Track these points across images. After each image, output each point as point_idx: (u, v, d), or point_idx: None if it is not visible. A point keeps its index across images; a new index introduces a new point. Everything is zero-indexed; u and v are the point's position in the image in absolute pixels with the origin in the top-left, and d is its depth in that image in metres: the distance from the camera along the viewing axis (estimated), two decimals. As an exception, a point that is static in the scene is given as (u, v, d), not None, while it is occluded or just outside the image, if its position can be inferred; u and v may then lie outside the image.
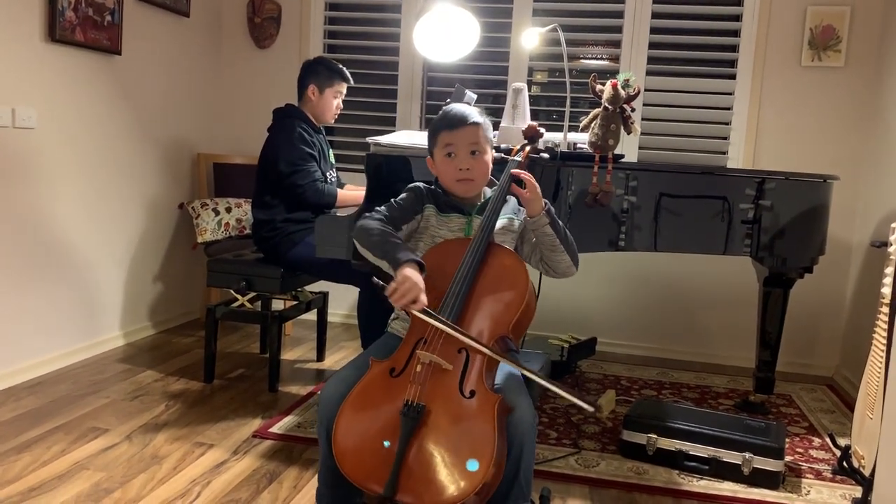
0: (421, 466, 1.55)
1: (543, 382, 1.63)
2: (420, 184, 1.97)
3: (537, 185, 1.84)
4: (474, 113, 1.90)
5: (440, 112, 1.94)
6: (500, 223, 1.89)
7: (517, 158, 1.97)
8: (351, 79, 3.19)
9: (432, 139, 1.92)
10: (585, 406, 1.60)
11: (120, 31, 3.34)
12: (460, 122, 1.87)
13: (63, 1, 3.00)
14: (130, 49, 3.46)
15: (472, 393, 1.62)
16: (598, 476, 2.38)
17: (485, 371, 1.65)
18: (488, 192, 1.98)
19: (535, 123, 2.07)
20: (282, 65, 4.14)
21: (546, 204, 1.84)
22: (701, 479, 2.39)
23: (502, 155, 2.05)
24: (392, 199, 1.94)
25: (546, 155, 2.23)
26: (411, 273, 1.67)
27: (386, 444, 1.55)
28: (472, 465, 1.52)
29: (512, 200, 1.94)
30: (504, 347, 1.76)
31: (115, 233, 3.50)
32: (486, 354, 1.65)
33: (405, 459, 1.55)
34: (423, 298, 1.66)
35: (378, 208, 1.89)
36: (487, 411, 1.58)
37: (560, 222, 1.87)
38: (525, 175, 1.85)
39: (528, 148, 2.02)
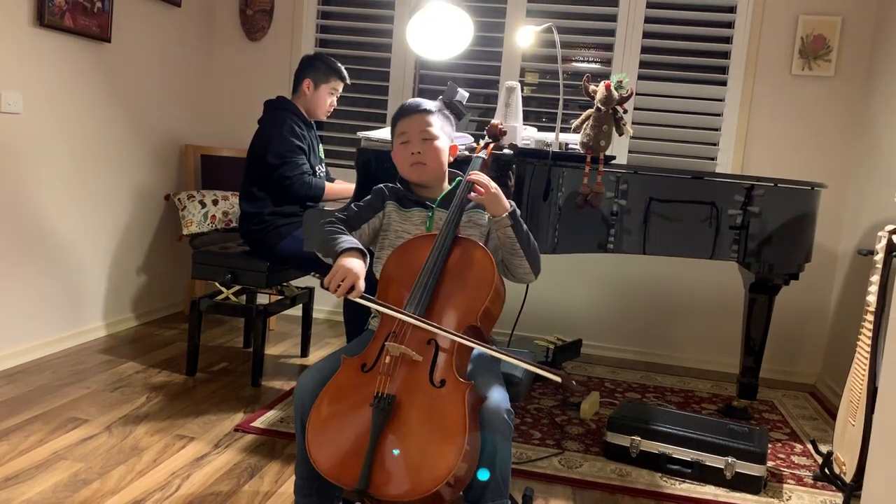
0: (393, 458, 1.54)
1: (506, 358, 1.64)
2: (382, 185, 2.00)
3: (493, 186, 1.83)
4: (427, 103, 1.97)
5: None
6: (467, 216, 1.91)
7: (481, 155, 2.00)
8: (348, 79, 3.17)
9: (392, 131, 1.98)
10: (552, 377, 1.58)
11: (110, 19, 3.31)
12: (412, 109, 1.93)
13: (53, -14, 2.97)
14: (120, 37, 3.42)
15: (443, 382, 1.62)
16: (581, 477, 2.38)
17: (455, 361, 1.65)
18: (450, 186, 2.00)
19: (497, 122, 2.12)
20: (273, 58, 4.12)
21: (511, 206, 1.85)
22: (683, 482, 2.40)
23: (467, 153, 2.06)
24: (352, 203, 1.98)
25: (509, 151, 2.24)
26: (346, 261, 1.70)
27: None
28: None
29: None
30: (476, 337, 1.76)
31: (99, 222, 3.46)
32: (449, 340, 1.65)
33: (377, 451, 1.55)
34: (360, 285, 1.68)
35: (335, 212, 1.93)
36: (458, 400, 1.57)
37: (525, 227, 1.87)
38: (477, 181, 1.83)
39: (490, 145, 2.06)
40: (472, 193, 1.83)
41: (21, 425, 2.43)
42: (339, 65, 3.13)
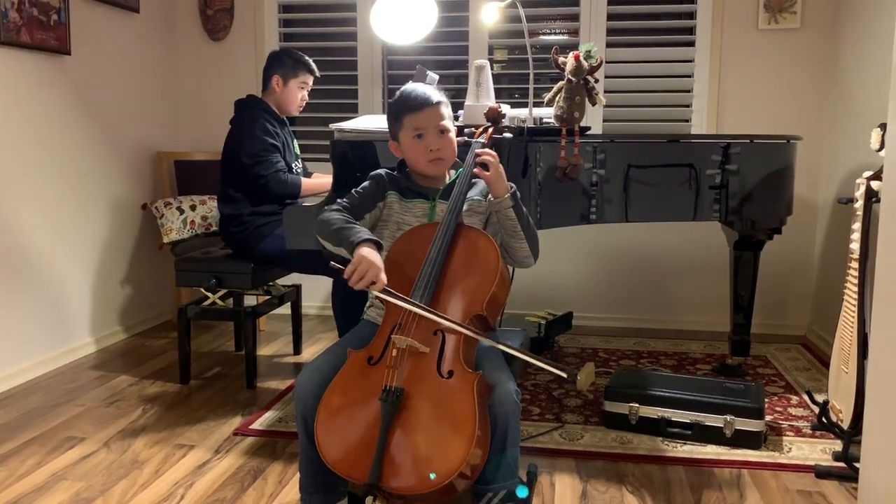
0: (403, 451, 1.54)
1: (519, 354, 1.64)
2: (381, 171, 1.96)
3: (501, 166, 1.83)
4: (435, 92, 1.90)
5: (399, 94, 1.92)
6: (466, 205, 1.89)
7: (481, 140, 1.97)
8: (317, 71, 3.14)
9: (396, 122, 1.90)
10: (561, 373, 1.60)
11: (68, 31, 3.24)
12: (424, 103, 1.86)
13: (5, 1, 2.90)
14: (80, 48, 3.36)
15: (451, 373, 1.61)
16: (584, 448, 2.39)
17: (462, 350, 1.65)
18: (451, 174, 1.98)
19: (496, 105, 2.08)
20: (237, 57, 4.07)
21: (512, 188, 1.84)
22: (685, 444, 2.41)
23: (465, 138, 2.03)
24: (353, 189, 1.93)
25: (509, 135, 2.22)
26: (367, 253, 1.67)
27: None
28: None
29: (480, 182, 1.93)
30: (481, 326, 1.76)
31: (78, 238, 3.42)
32: (458, 332, 1.65)
33: (387, 445, 1.54)
34: (383, 277, 1.65)
35: (339, 200, 1.89)
36: (467, 390, 1.57)
37: (525, 210, 1.86)
38: (488, 157, 1.82)
39: (490, 129, 2.03)
40: (478, 169, 1.81)
41: (17, 449, 2.40)
42: (307, 58, 3.10)
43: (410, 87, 1.92)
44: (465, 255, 1.77)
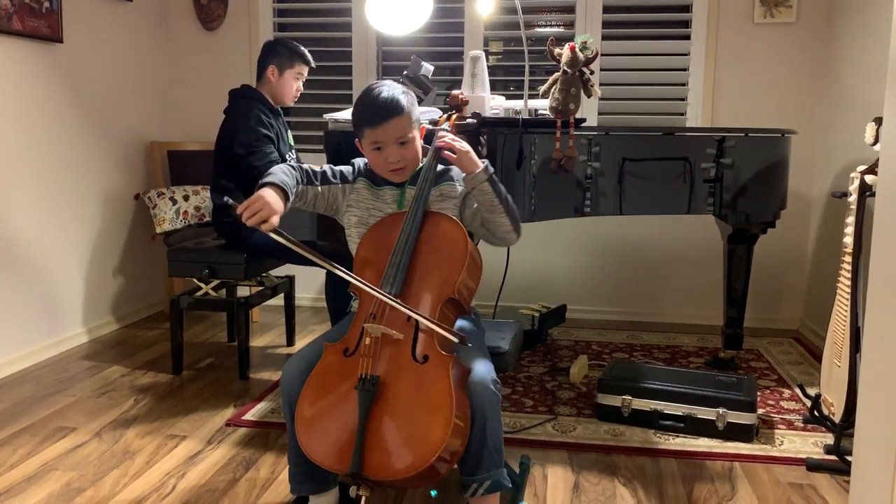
0: (382, 438, 1.55)
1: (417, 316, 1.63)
2: (361, 160, 1.95)
3: (465, 146, 1.80)
4: (396, 99, 1.78)
5: (359, 101, 1.82)
6: (438, 191, 1.88)
7: (444, 127, 1.97)
8: (313, 62, 3.11)
9: (356, 130, 1.84)
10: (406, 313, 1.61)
11: (60, 18, 3.22)
12: (382, 118, 1.76)
13: (-3, -12, 2.87)
14: (72, 37, 3.33)
15: (426, 358, 1.62)
16: (576, 440, 2.39)
17: (436, 335, 1.64)
18: (423, 159, 1.95)
19: (458, 92, 2.07)
20: (232, 46, 4.04)
21: (484, 163, 1.81)
22: (677, 436, 2.42)
23: (430, 126, 2.02)
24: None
25: (472, 120, 2.21)
26: (265, 193, 1.68)
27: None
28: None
29: (453, 167, 1.92)
30: (455, 309, 1.77)
31: (70, 228, 3.40)
32: (426, 316, 1.64)
33: (367, 434, 1.55)
34: (274, 220, 1.64)
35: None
36: (442, 374, 1.58)
37: (500, 184, 1.83)
38: (448, 144, 1.80)
39: (453, 117, 2.03)
40: (446, 153, 1.81)
41: (8, 439, 2.39)
42: (303, 48, 3.08)
43: (372, 94, 1.79)
44: (434, 241, 1.77)
